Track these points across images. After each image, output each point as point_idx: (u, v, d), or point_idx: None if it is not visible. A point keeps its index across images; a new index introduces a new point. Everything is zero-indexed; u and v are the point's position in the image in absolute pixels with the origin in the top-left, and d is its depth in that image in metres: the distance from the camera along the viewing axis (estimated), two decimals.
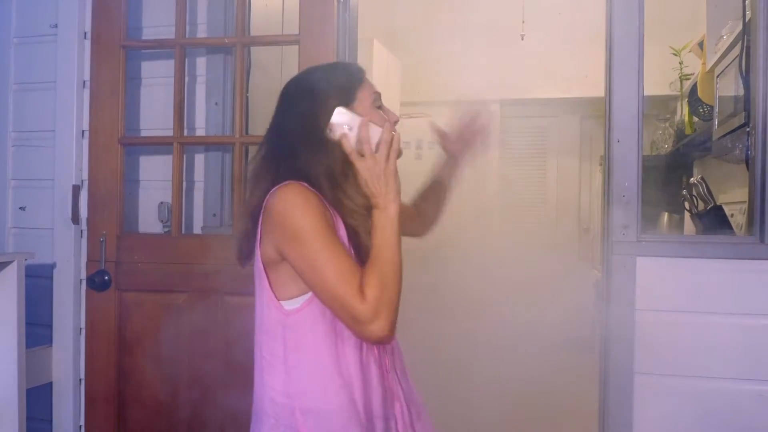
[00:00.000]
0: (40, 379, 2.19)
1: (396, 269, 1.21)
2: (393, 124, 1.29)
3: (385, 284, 1.18)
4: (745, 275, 1.74)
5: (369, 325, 1.17)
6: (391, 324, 1.18)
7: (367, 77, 1.36)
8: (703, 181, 2.49)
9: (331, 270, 1.18)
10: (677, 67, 3.57)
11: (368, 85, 1.35)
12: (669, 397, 1.78)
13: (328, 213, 1.23)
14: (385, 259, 1.21)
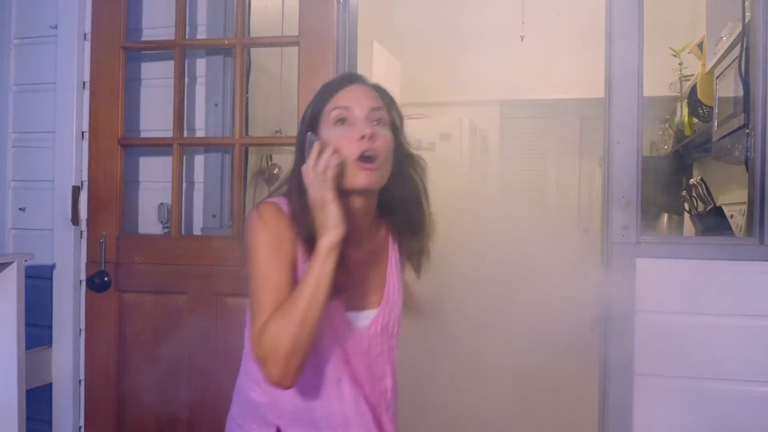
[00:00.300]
0: (40, 380, 2.19)
1: (303, 319, 1.12)
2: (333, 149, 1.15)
3: (283, 331, 1.11)
4: (745, 276, 1.74)
5: (262, 367, 1.14)
6: (279, 371, 1.12)
7: (350, 87, 1.25)
8: (702, 183, 2.49)
9: (254, 298, 1.17)
10: (677, 68, 3.57)
11: (336, 99, 1.23)
12: (669, 399, 1.79)
13: (287, 237, 1.19)
14: (297, 304, 1.13)
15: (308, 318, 1.12)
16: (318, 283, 1.13)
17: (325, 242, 1.13)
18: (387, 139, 1.21)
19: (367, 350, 1.30)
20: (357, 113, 1.20)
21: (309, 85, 2.01)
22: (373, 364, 1.31)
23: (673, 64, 3.59)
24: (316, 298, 1.13)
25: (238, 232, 2.05)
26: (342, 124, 1.20)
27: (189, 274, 2.06)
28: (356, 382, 1.30)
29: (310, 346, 1.14)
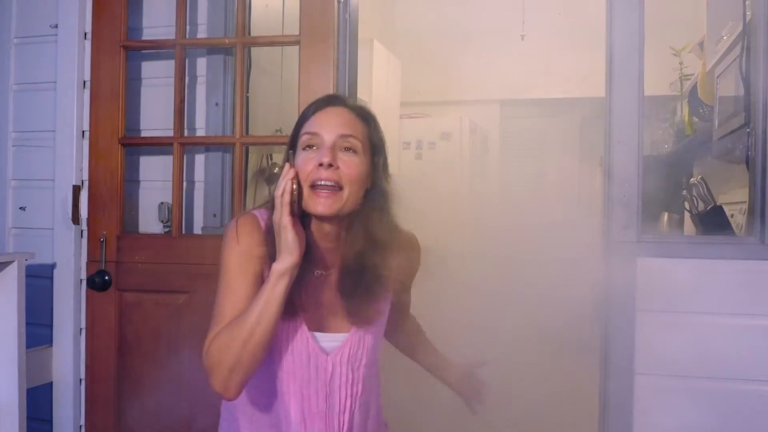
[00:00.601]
0: (40, 379, 2.19)
1: (247, 339, 1.14)
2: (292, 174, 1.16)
3: (228, 346, 1.15)
4: (746, 276, 1.74)
5: (208, 376, 1.19)
6: (221, 383, 1.16)
7: (325, 110, 1.24)
8: (703, 182, 2.49)
9: (216, 308, 1.22)
10: (677, 68, 3.57)
11: (309, 123, 1.24)
12: (669, 398, 1.79)
13: (257, 252, 1.21)
14: (244, 323, 1.14)
15: (252, 338, 1.13)
16: (266, 305, 1.14)
17: (277, 267, 1.14)
18: (353, 167, 1.19)
19: (329, 378, 1.25)
20: (325, 139, 1.20)
21: (309, 84, 2.01)
22: (332, 395, 1.26)
23: (673, 64, 3.59)
24: (263, 319, 1.13)
25: None
26: (310, 150, 1.21)
27: (189, 274, 2.06)
28: (307, 410, 1.25)
29: (254, 364, 1.16)
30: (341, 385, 1.26)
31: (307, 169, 1.18)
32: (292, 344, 1.24)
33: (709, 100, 2.70)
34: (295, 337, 1.24)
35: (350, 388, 1.27)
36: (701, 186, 2.48)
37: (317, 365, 1.24)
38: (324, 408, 1.25)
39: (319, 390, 1.25)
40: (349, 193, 1.19)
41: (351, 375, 1.27)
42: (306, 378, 1.24)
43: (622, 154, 1.82)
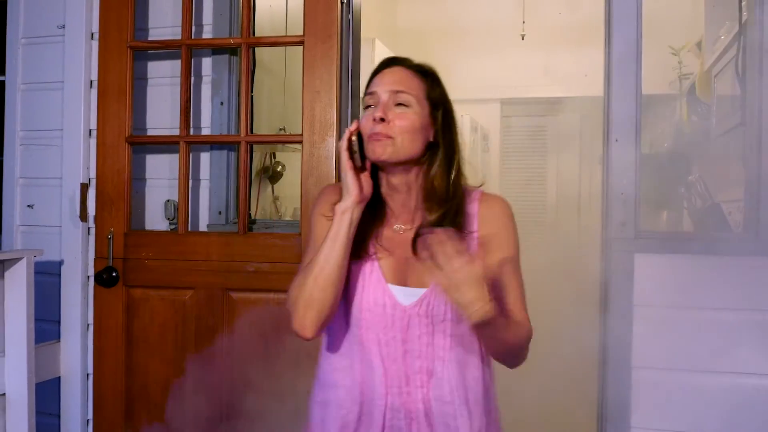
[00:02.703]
0: (48, 374, 2.23)
1: (317, 276, 1.24)
2: (353, 127, 1.29)
3: (301, 285, 1.26)
4: (741, 271, 1.78)
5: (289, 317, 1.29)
6: (298, 321, 1.26)
7: (382, 72, 1.33)
8: (701, 180, 2.52)
9: (300, 263, 1.34)
10: (676, 67, 3.59)
11: (370, 85, 1.34)
12: (666, 391, 1.82)
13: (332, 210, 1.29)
14: (313, 262, 1.26)
15: (322, 274, 1.25)
16: (332, 242, 1.25)
17: (339, 205, 1.26)
18: (405, 120, 1.27)
19: (405, 327, 1.29)
20: (380, 98, 1.29)
21: (313, 83, 2.04)
22: (411, 344, 1.29)
23: (672, 63, 3.62)
24: (330, 256, 1.25)
25: (244, 228, 2.08)
26: (369, 109, 1.30)
27: (195, 270, 2.09)
28: (386, 354, 1.30)
29: (326, 301, 1.25)
30: (420, 335, 1.29)
31: (367, 125, 1.28)
32: (371, 294, 1.30)
33: (707, 99, 2.73)
34: (372, 287, 1.31)
35: (430, 339, 1.30)
36: (699, 184, 2.51)
37: (394, 315, 1.29)
38: (401, 353, 1.29)
39: (395, 336, 1.30)
40: (401, 141, 1.26)
41: (432, 327, 1.29)
42: (383, 325, 1.30)
43: (620, 152, 1.85)
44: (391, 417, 1.30)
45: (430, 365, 1.29)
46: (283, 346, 2.04)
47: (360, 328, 1.31)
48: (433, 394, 1.29)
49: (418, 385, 1.29)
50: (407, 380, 1.30)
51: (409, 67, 1.33)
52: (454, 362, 1.30)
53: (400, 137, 1.26)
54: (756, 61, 1.79)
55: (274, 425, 2.06)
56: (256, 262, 2.04)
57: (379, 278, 1.30)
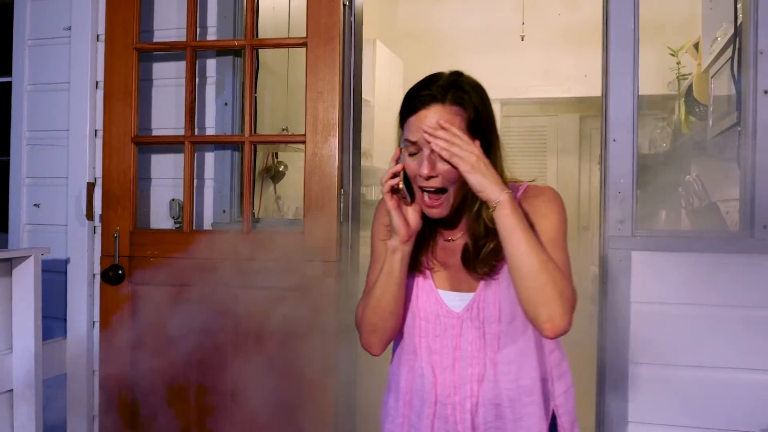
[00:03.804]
0: (55, 370, 2.26)
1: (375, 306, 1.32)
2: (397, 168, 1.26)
3: (363, 312, 1.35)
4: (736, 269, 1.81)
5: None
6: (365, 342, 1.37)
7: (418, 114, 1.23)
8: (698, 179, 2.55)
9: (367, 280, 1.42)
10: (675, 68, 3.63)
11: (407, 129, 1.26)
12: (662, 386, 1.85)
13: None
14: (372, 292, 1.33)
15: (380, 305, 1.32)
16: (386, 277, 1.30)
17: (389, 243, 1.29)
18: (452, 170, 1.21)
19: (458, 334, 1.31)
20: (422, 148, 1.23)
21: (316, 84, 2.07)
22: (462, 351, 1.31)
23: (671, 63, 3.65)
24: (385, 289, 1.30)
25: (248, 227, 2.11)
26: (413, 156, 1.25)
27: (200, 268, 2.12)
28: (437, 363, 1.33)
29: (388, 326, 1.33)
30: (472, 340, 1.31)
31: (412, 173, 1.25)
32: (422, 303, 1.35)
33: (704, 99, 2.76)
34: (425, 296, 1.34)
35: (482, 343, 1.30)
36: (697, 183, 2.54)
37: (445, 322, 1.32)
38: (451, 362, 1.32)
39: (447, 345, 1.32)
40: (455, 190, 1.25)
41: (483, 330, 1.30)
42: (434, 333, 1.33)
43: (618, 151, 1.89)
44: (438, 427, 1.32)
45: (482, 371, 1.30)
46: (287, 343, 2.07)
47: (413, 336, 1.36)
48: (483, 400, 1.30)
49: (467, 394, 1.31)
50: (456, 389, 1.31)
51: (443, 101, 1.23)
52: (504, 364, 1.30)
53: (452, 188, 1.24)
54: (750, 62, 1.82)
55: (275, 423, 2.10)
56: (260, 259, 2.07)
57: (431, 286, 1.34)
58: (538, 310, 1.16)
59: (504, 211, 1.16)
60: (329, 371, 2.05)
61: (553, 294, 1.15)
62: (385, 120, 4.07)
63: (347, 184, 2.12)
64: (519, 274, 1.17)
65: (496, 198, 1.16)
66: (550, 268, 1.17)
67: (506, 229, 1.17)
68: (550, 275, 1.16)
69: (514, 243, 1.17)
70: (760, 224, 1.79)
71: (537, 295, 1.16)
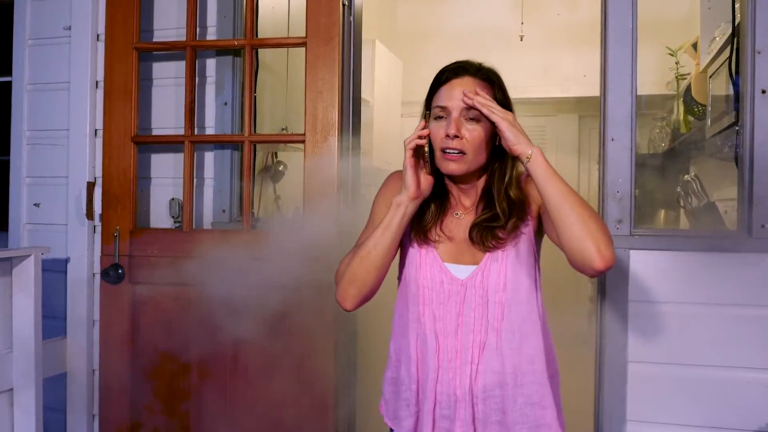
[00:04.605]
0: (54, 369, 2.26)
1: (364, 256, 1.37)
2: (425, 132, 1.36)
3: (349, 262, 1.39)
4: (734, 268, 1.81)
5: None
6: (341, 293, 1.40)
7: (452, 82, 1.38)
8: (696, 179, 2.56)
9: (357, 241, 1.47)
10: (673, 67, 3.63)
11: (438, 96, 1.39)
12: (661, 384, 1.86)
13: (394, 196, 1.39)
14: (365, 244, 1.38)
15: (369, 257, 1.36)
16: (383, 230, 1.36)
17: (395, 199, 1.36)
18: (476, 135, 1.33)
19: (461, 300, 1.37)
20: (451, 112, 1.34)
21: (315, 84, 2.08)
22: (465, 317, 1.37)
23: (670, 63, 3.65)
24: (379, 242, 1.36)
25: (248, 226, 2.12)
26: (440, 120, 1.36)
27: (200, 267, 2.12)
28: (440, 329, 1.38)
29: (368, 281, 1.38)
30: (475, 307, 1.37)
31: (438, 137, 1.35)
32: (427, 271, 1.40)
33: (702, 99, 2.76)
34: (430, 265, 1.40)
35: (484, 310, 1.37)
36: (695, 183, 2.55)
37: (449, 289, 1.38)
38: (455, 327, 1.37)
39: (450, 311, 1.38)
40: (473, 156, 1.34)
41: (487, 298, 1.36)
42: (438, 300, 1.39)
43: (616, 151, 1.89)
44: (440, 392, 1.37)
45: (484, 338, 1.36)
46: (287, 341, 2.07)
47: (417, 305, 1.40)
48: (484, 367, 1.36)
49: (468, 360, 1.36)
50: (457, 354, 1.37)
51: (476, 76, 1.38)
52: (508, 332, 1.36)
53: (472, 153, 1.34)
54: (747, 62, 1.82)
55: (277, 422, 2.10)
56: (259, 258, 2.08)
57: (435, 257, 1.40)
58: (586, 242, 1.21)
59: (539, 158, 1.25)
60: (329, 370, 2.05)
61: (597, 226, 1.22)
62: (385, 120, 4.07)
63: (346, 184, 2.12)
64: (563, 212, 1.23)
65: (531, 150, 1.25)
66: (587, 206, 1.25)
67: (544, 174, 1.25)
68: (590, 211, 1.24)
69: (553, 185, 1.24)
70: (758, 223, 1.80)
71: (584, 228, 1.22)
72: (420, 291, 1.40)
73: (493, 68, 1.43)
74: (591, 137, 5.30)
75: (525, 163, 1.26)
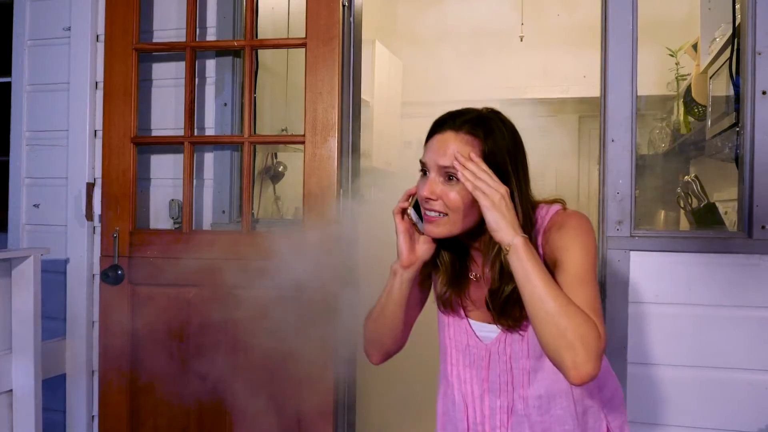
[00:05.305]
0: (54, 370, 2.26)
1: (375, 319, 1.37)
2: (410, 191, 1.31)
3: (366, 324, 1.40)
4: (734, 269, 1.81)
5: None
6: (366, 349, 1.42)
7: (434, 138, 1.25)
8: (696, 180, 2.55)
9: None
10: (674, 68, 3.63)
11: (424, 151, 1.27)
12: (661, 386, 1.86)
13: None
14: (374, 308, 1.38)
15: (380, 319, 1.35)
16: (386, 296, 1.33)
17: (392, 265, 1.31)
18: (455, 196, 1.20)
19: (486, 366, 1.32)
20: (431, 170, 1.23)
21: (315, 84, 2.08)
22: (491, 384, 1.32)
23: (671, 64, 3.65)
24: (385, 308, 1.33)
25: (248, 227, 2.12)
26: (424, 176, 1.25)
27: (199, 268, 2.12)
28: (467, 392, 1.35)
29: (386, 342, 1.37)
30: (500, 373, 1.31)
31: (420, 196, 1.25)
32: (453, 331, 1.36)
33: (702, 100, 2.76)
34: (456, 327, 1.36)
35: (509, 376, 1.30)
36: (695, 183, 2.54)
37: (474, 352, 1.33)
38: (480, 393, 1.34)
39: (476, 375, 1.34)
40: (458, 216, 1.21)
41: (510, 364, 1.30)
42: (465, 362, 1.35)
43: (616, 152, 1.89)
44: None
45: (510, 403, 1.31)
46: (287, 343, 2.07)
47: (446, 363, 1.38)
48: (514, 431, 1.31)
49: (497, 425, 1.32)
50: (486, 419, 1.33)
51: (458, 130, 1.22)
52: (534, 398, 1.29)
53: (455, 212, 1.21)
54: (748, 63, 1.82)
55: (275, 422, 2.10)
56: (259, 260, 2.08)
57: (462, 317, 1.35)
58: (561, 356, 1.09)
59: (518, 254, 1.12)
60: (328, 370, 2.05)
61: (574, 339, 1.08)
62: (384, 121, 4.07)
63: (346, 185, 2.12)
64: (537, 320, 1.12)
65: (510, 240, 1.13)
66: (571, 312, 1.10)
67: (521, 273, 1.13)
68: (570, 320, 1.09)
69: (529, 288, 1.12)
70: (759, 224, 1.79)
71: (557, 340, 1.09)
72: (448, 350, 1.37)
73: (493, 116, 1.27)
74: (591, 138, 5.30)
75: (504, 254, 1.15)
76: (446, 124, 1.24)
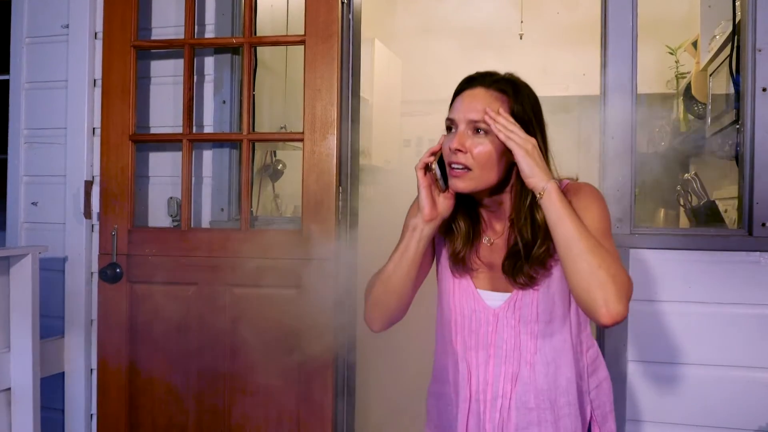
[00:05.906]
0: (52, 368, 2.26)
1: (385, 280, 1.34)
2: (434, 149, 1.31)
3: (372, 286, 1.37)
4: (734, 266, 1.81)
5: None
6: (367, 315, 1.39)
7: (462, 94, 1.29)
8: (696, 177, 2.55)
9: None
10: (673, 66, 3.63)
11: (451, 108, 1.31)
12: (660, 384, 1.85)
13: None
14: (385, 267, 1.35)
15: (389, 281, 1.33)
16: (400, 255, 1.32)
17: (412, 221, 1.31)
18: (482, 150, 1.24)
19: (493, 331, 1.31)
20: (459, 125, 1.26)
21: (314, 82, 2.07)
22: (497, 349, 1.31)
23: (670, 62, 3.65)
24: (397, 267, 1.31)
25: (246, 225, 2.11)
26: (449, 133, 1.29)
27: (198, 266, 2.12)
28: (471, 360, 1.34)
29: (392, 304, 1.35)
30: (507, 339, 1.31)
31: (445, 151, 1.28)
32: (460, 299, 1.35)
33: (702, 97, 2.76)
34: (462, 292, 1.35)
35: (517, 341, 1.31)
36: (695, 181, 2.54)
37: (480, 317, 1.33)
38: (485, 359, 1.32)
39: (481, 342, 1.33)
40: (480, 172, 1.24)
41: (519, 329, 1.30)
42: (470, 329, 1.34)
43: (616, 150, 1.89)
44: (471, 425, 1.34)
45: (516, 370, 1.31)
46: (284, 340, 2.07)
47: (451, 333, 1.36)
48: (516, 402, 1.31)
49: (499, 393, 1.31)
50: (488, 386, 1.32)
51: (488, 86, 1.27)
52: (541, 365, 1.30)
53: (479, 168, 1.24)
54: (749, 60, 1.82)
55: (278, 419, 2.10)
56: (258, 258, 2.07)
57: (469, 283, 1.34)
58: (593, 294, 1.12)
59: (551, 197, 1.17)
60: (327, 370, 2.05)
61: (607, 277, 1.12)
62: (384, 119, 4.07)
63: (345, 183, 2.12)
64: (570, 258, 1.15)
65: (544, 185, 1.18)
66: (602, 252, 1.14)
67: (554, 214, 1.17)
68: (601, 258, 1.13)
69: (562, 228, 1.16)
70: (759, 222, 1.79)
71: (590, 278, 1.12)
72: (451, 317, 1.36)
73: (517, 79, 1.31)
74: (591, 136, 5.29)
75: (538, 199, 1.19)
76: (476, 81, 1.29)
